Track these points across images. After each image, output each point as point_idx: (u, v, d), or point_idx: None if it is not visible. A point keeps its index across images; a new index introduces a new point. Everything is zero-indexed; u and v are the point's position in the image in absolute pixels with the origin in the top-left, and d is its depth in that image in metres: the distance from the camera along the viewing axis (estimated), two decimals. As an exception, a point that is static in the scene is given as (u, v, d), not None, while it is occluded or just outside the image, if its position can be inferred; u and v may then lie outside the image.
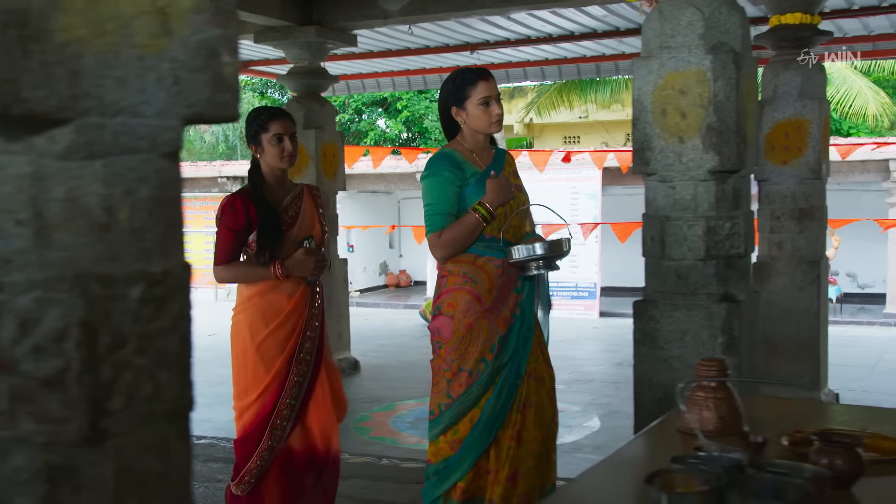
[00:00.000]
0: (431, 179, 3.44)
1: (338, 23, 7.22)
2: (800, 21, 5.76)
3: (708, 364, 2.40)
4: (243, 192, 3.58)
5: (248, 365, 3.53)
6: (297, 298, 3.55)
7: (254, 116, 3.61)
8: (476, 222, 3.35)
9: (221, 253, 3.53)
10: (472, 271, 3.40)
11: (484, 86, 3.44)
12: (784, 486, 1.71)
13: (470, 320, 3.35)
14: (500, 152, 3.64)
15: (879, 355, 8.19)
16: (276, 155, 3.55)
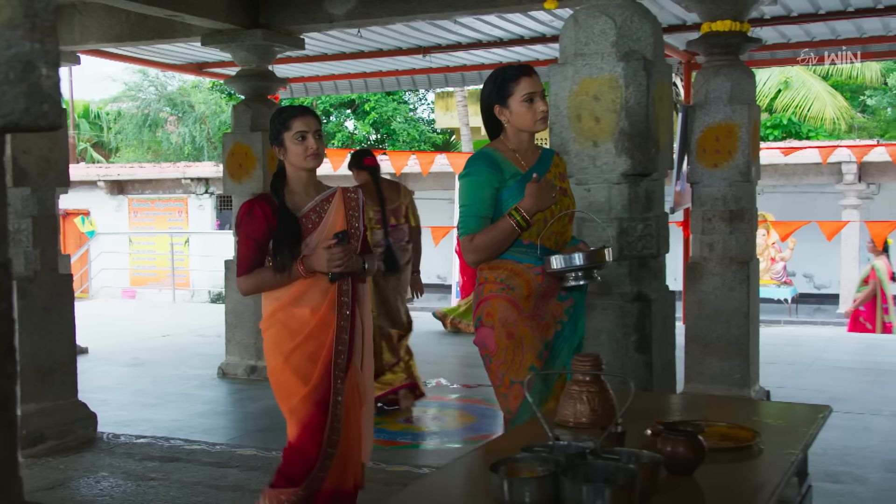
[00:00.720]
0: (468, 179, 3.30)
1: (284, 26, 7.29)
2: (729, 28, 5.90)
3: (582, 359, 2.52)
4: (262, 196, 3.43)
5: (283, 380, 3.38)
6: (323, 312, 3.35)
7: (275, 115, 3.46)
8: (510, 229, 3.21)
9: (243, 262, 3.37)
10: (509, 278, 3.26)
11: (527, 82, 3.31)
12: (616, 471, 1.82)
13: (511, 329, 3.23)
14: (548, 153, 3.48)
15: (818, 354, 8.38)
16: (301, 154, 3.35)
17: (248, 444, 5.53)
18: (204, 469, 4.98)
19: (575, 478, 1.79)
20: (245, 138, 7.54)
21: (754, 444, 2.23)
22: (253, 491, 4.60)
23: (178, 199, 19.90)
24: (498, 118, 3.35)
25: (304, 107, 3.50)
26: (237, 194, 7.62)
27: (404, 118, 24.83)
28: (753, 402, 3.01)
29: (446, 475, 2.12)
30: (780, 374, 7.30)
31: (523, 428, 2.52)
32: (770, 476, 2.04)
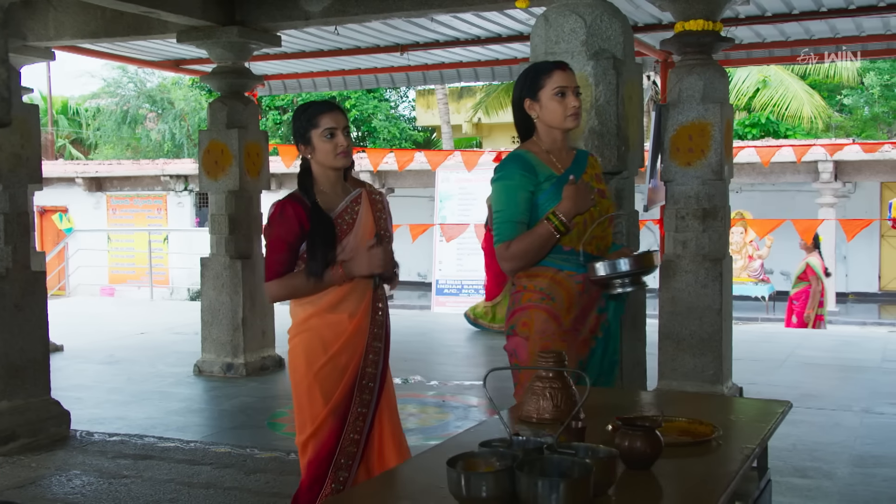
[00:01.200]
0: (500, 184, 3.15)
1: (260, 23, 7.29)
2: (702, 27, 5.94)
3: (545, 356, 2.54)
4: (293, 196, 3.22)
5: (305, 395, 3.18)
6: (360, 318, 3.19)
7: (300, 112, 3.25)
8: (548, 234, 3.06)
9: (273, 267, 3.15)
10: (549, 287, 3.10)
11: (560, 75, 3.15)
12: (572, 466, 1.85)
13: (547, 342, 3.07)
14: (582, 153, 3.32)
15: (791, 350, 8.46)
16: (330, 152, 3.18)
17: (222, 441, 5.53)
18: (177, 466, 4.97)
19: (530, 472, 1.81)
20: (221, 135, 7.52)
21: (712, 439, 2.26)
22: (226, 488, 4.62)
23: (157, 196, 19.82)
24: (528, 115, 3.21)
25: (331, 102, 3.30)
26: (213, 192, 7.60)
27: (385, 116, 24.83)
28: (717, 398, 3.05)
29: (407, 470, 2.14)
30: (753, 370, 7.37)
31: (485, 425, 2.54)
32: (725, 469, 2.08)
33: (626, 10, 7.22)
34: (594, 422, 2.42)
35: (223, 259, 7.56)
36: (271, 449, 5.31)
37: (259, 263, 7.75)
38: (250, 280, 7.59)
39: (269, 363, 7.76)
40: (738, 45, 8.86)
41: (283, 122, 24.09)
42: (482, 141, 27.20)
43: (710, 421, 2.39)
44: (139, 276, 19.06)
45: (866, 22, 8.12)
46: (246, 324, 7.54)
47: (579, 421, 2.26)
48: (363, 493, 2.06)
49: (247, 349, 7.55)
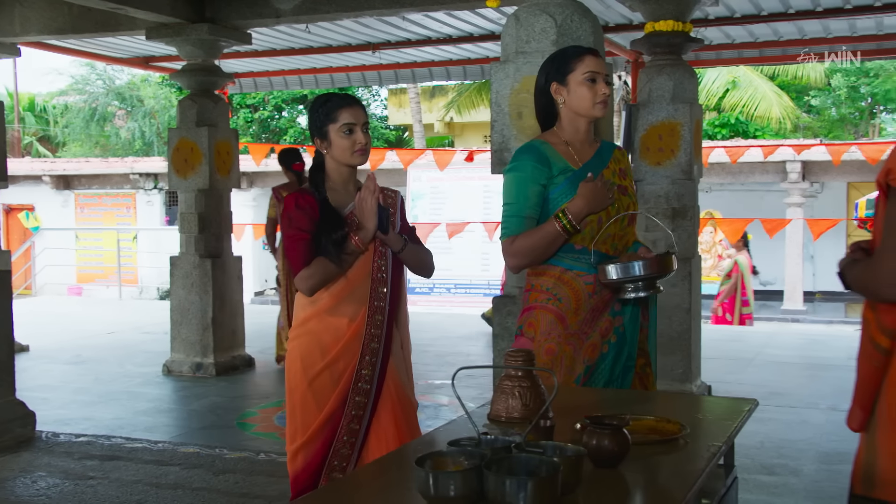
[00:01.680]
0: (511, 175, 3.00)
1: (231, 21, 7.24)
2: (672, 28, 5.98)
3: (514, 355, 2.54)
4: (302, 190, 3.14)
5: (298, 403, 3.10)
6: (359, 322, 3.11)
7: (318, 105, 3.14)
8: (555, 233, 2.89)
9: (300, 257, 3.04)
10: (557, 287, 2.96)
11: (592, 60, 2.98)
12: (539, 464, 1.85)
13: (551, 345, 2.95)
14: (608, 146, 3.12)
15: (759, 349, 8.54)
16: (347, 149, 3.09)
17: (190, 441, 5.49)
18: (145, 467, 4.93)
19: (498, 471, 1.81)
20: (191, 133, 7.46)
21: (679, 437, 2.27)
22: (194, 489, 4.58)
23: (126, 194, 19.63)
24: (552, 103, 3.03)
25: (351, 96, 3.19)
26: (183, 190, 7.55)
27: (357, 114, 24.74)
28: (686, 396, 3.07)
29: (375, 469, 2.14)
30: (722, 369, 7.43)
31: (453, 424, 2.54)
32: (692, 467, 2.09)
33: (596, 11, 7.26)
34: (563, 420, 2.43)
35: (193, 258, 7.50)
36: (240, 449, 5.28)
37: (229, 262, 7.70)
38: (220, 279, 7.54)
39: (239, 363, 7.71)
40: (708, 45, 8.94)
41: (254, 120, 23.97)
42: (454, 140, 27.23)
43: (678, 419, 2.40)
44: (108, 275, 18.87)
45: (833, 24, 8.22)
46: (216, 323, 7.49)
47: (548, 420, 2.26)
48: (331, 492, 2.05)
49: (216, 349, 7.50)
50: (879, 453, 2.10)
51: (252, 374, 7.64)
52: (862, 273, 2.13)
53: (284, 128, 24.17)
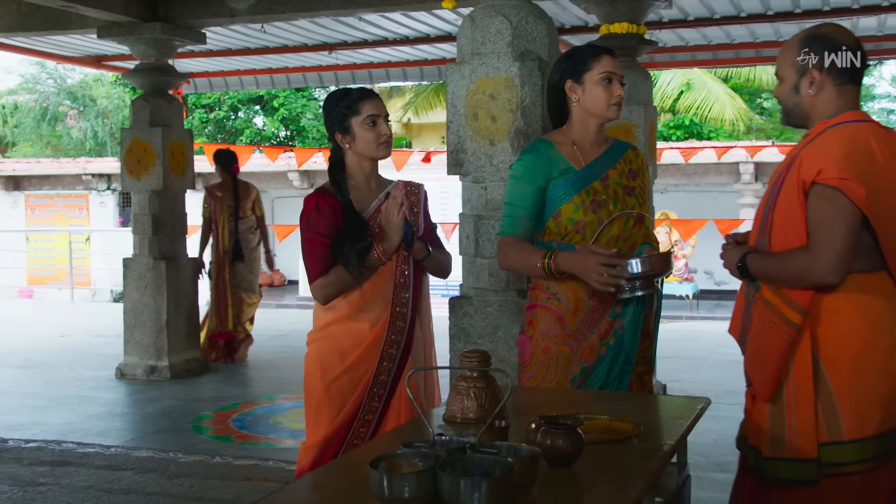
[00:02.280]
0: (511, 174, 3.04)
1: (185, 20, 7.16)
2: (626, 30, 6.04)
3: (469, 355, 2.54)
4: (323, 190, 3.04)
5: (314, 408, 3.07)
6: (381, 327, 3.04)
7: (338, 98, 3.06)
8: (535, 268, 2.92)
9: (317, 265, 2.97)
10: (556, 287, 2.96)
11: (609, 61, 2.98)
12: (494, 465, 1.85)
13: (549, 344, 2.97)
14: (620, 146, 3.10)
15: (713, 348, 8.65)
16: (372, 141, 3.02)
17: (144, 446, 5.42)
18: (97, 472, 4.85)
19: (453, 472, 1.81)
20: (144, 134, 7.37)
21: (633, 436, 2.29)
22: (148, 493, 4.52)
23: (78, 195, 19.29)
24: (564, 100, 3.02)
25: (370, 89, 3.12)
26: (136, 191, 7.45)
27: (314, 115, 24.61)
28: (641, 395, 3.09)
29: (330, 472, 2.13)
30: (677, 368, 7.51)
31: (408, 425, 2.54)
32: (645, 466, 2.10)
33: (552, 12, 7.30)
34: (518, 421, 2.44)
35: (147, 260, 7.41)
36: (195, 452, 5.22)
37: (183, 264, 7.62)
38: (175, 281, 7.45)
39: (195, 365, 7.63)
40: (662, 48, 9.03)
41: (209, 120, 23.72)
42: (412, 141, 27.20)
43: (632, 418, 2.43)
44: (59, 277, 18.53)
45: (783, 27, 8.35)
46: (170, 326, 7.40)
47: (503, 420, 2.26)
48: (287, 494, 2.03)
49: (171, 351, 7.41)
50: (793, 420, 2.41)
51: (208, 376, 7.56)
52: (796, 262, 2.37)
53: (241, 128, 23.93)
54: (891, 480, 2.48)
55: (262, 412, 6.30)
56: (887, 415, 2.43)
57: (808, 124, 2.58)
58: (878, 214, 2.38)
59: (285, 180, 17.69)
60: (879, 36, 8.64)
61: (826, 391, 2.42)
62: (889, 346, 2.43)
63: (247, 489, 4.52)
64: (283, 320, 11.62)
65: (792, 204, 2.43)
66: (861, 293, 2.43)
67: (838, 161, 2.36)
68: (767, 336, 2.48)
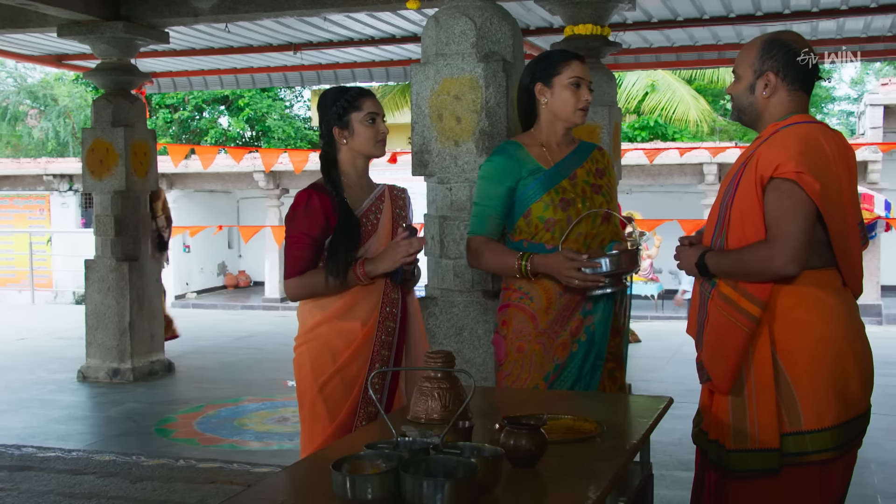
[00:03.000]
0: (480, 174, 3.08)
1: (147, 19, 7.09)
2: (590, 32, 6.08)
3: (433, 356, 2.54)
4: (319, 187, 2.99)
5: (309, 411, 2.99)
6: (371, 326, 2.99)
7: (336, 95, 3.01)
8: (511, 269, 2.97)
9: (296, 263, 2.93)
10: (528, 286, 3.01)
11: (578, 66, 3.04)
12: (457, 465, 1.85)
13: (522, 343, 3.01)
14: (586, 147, 3.16)
15: (678, 348, 8.72)
16: (371, 138, 3.00)
17: (106, 449, 5.35)
18: (57, 477, 4.78)
19: (416, 473, 1.81)
20: (106, 134, 7.29)
21: (596, 436, 2.31)
22: (110, 497, 4.47)
23: (39, 196, 19.01)
24: (534, 104, 3.08)
25: (367, 88, 3.08)
26: (98, 192, 7.36)
27: (280, 115, 24.49)
28: (605, 395, 3.11)
29: (293, 473, 2.11)
30: (642, 367, 7.57)
31: (372, 427, 2.53)
32: (608, 465, 2.12)
33: (517, 14, 7.33)
34: (483, 421, 2.44)
35: (109, 261, 7.32)
36: (159, 456, 5.16)
37: (147, 266, 7.54)
38: (138, 283, 7.38)
39: (159, 367, 7.55)
40: (627, 49, 9.10)
41: (173, 120, 23.50)
42: (378, 141, 27.12)
43: (596, 418, 2.44)
44: (20, 279, 18.26)
45: (745, 30, 8.45)
46: (133, 328, 7.32)
47: (467, 420, 2.27)
48: (250, 496, 2.02)
49: (134, 354, 7.33)
50: (755, 412, 2.48)
51: (172, 379, 7.49)
52: (756, 256, 2.45)
53: (205, 128, 23.73)
54: (847, 470, 2.58)
55: (228, 414, 6.25)
56: (844, 406, 2.50)
57: (759, 125, 2.68)
58: (828, 211, 2.47)
59: (251, 181, 17.56)
60: (838, 39, 8.77)
61: (785, 384, 2.49)
62: (842, 338, 2.51)
63: (211, 492, 4.48)
64: (248, 322, 11.55)
65: (750, 200, 2.51)
66: (814, 288, 2.51)
67: (795, 156, 2.44)
68: (726, 330, 2.54)
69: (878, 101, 15.39)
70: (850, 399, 2.51)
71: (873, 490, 4.39)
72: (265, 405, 6.50)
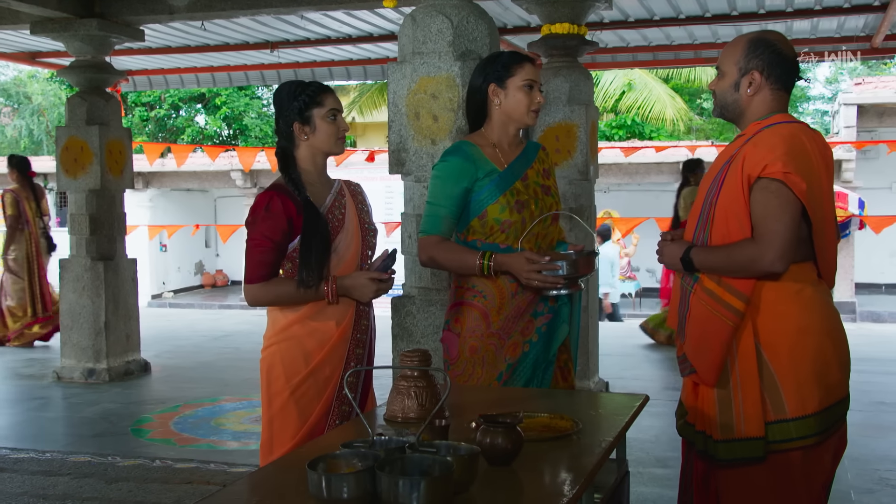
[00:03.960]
0: (435, 174, 3.07)
1: (122, 16, 7.03)
2: (567, 31, 6.09)
3: (410, 355, 2.54)
4: (280, 188, 2.89)
5: (279, 414, 2.90)
6: (346, 325, 2.93)
7: (297, 91, 2.93)
8: (471, 267, 2.98)
9: (257, 268, 2.85)
10: (482, 285, 3.04)
11: (531, 69, 3.09)
12: (433, 464, 1.85)
13: (474, 342, 3.04)
14: (533, 146, 3.20)
15: (655, 345, 8.75)
16: (332, 135, 2.94)
17: (81, 450, 5.30)
18: (31, 479, 4.74)
19: (391, 472, 1.81)
20: (81, 132, 7.22)
21: (572, 433, 2.32)
22: (84, 499, 4.43)
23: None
24: (485, 104, 3.10)
25: (326, 84, 3.02)
26: (72, 190, 7.30)
27: (257, 113, 24.38)
28: (582, 393, 3.13)
29: (266, 474, 2.11)
30: (620, 365, 7.60)
31: (347, 426, 2.53)
32: (584, 462, 2.13)
33: (494, 12, 7.34)
34: (459, 420, 2.45)
35: (84, 260, 7.26)
36: (135, 456, 5.13)
37: (122, 265, 7.48)
38: (113, 282, 7.32)
39: (134, 367, 7.50)
40: (603, 48, 9.14)
41: (150, 118, 23.34)
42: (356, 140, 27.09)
43: (573, 416, 2.45)
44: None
45: (721, 29, 8.50)
46: (109, 327, 7.26)
47: (443, 419, 2.27)
48: (224, 495, 2.01)
49: (110, 354, 7.27)
50: (740, 402, 2.55)
51: (148, 378, 7.44)
52: (744, 253, 2.51)
53: (182, 127, 23.59)
54: (830, 455, 2.65)
55: (204, 414, 6.21)
56: (825, 392, 2.58)
57: (742, 122, 2.74)
58: (812, 208, 2.54)
59: (228, 180, 17.49)
60: (812, 39, 8.85)
61: (769, 374, 2.56)
62: (821, 328, 2.60)
63: (188, 492, 4.46)
64: (225, 321, 11.49)
65: (736, 198, 2.57)
66: (794, 281, 2.59)
67: (782, 157, 2.50)
68: (711, 324, 2.59)
69: (851, 101, 15.55)
70: (830, 385, 2.60)
71: (846, 486, 4.44)
72: (242, 405, 6.47)
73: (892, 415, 6.02)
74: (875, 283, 17.40)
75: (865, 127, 15.95)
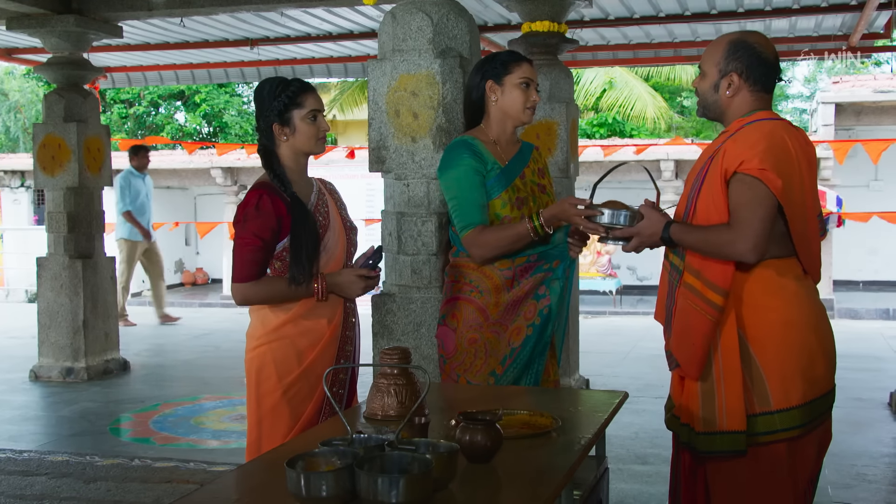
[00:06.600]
0: (453, 171, 3.09)
1: (100, 12, 6.97)
2: (548, 29, 6.10)
3: (390, 352, 2.53)
4: (268, 187, 2.88)
5: (268, 412, 2.89)
6: (336, 322, 2.95)
7: (278, 90, 2.91)
8: (525, 233, 2.99)
9: (245, 267, 2.83)
10: (478, 279, 3.10)
11: (527, 68, 3.19)
12: (412, 461, 1.85)
13: (474, 334, 3.09)
14: (527, 146, 3.31)
15: (636, 343, 8.80)
16: (313, 136, 2.93)
17: (59, 450, 5.27)
18: (8, 479, 4.70)
19: (370, 469, 1.80)
20: (58, 129, 7.17)
21: (551, 431, 2.32)
22: (62, 499, 4.40)
23: (-12, 192, 18.64)
24: (483, 101, 3.19)
25: (307, 82, 3.00)
26: (50, 188, 7.24)
27: (237, 111, 24.27)
28: (562, 390, 3.14)
29: (246, 472, 2.10)
30: (600, 362, 7.63)
31: (327, 424, 2.52)
32: (563, 459, 2.13)
33: (475, 10, 7.34)
34: (439, 417, 2.45)
35: (62, 259, 7.20)
36: (113, 456, 5.10)
37: (101, 263, 7.43)
38: (92, 280, 7.26)
39: (113, 366, 7.45)
40: (584, 46, 9.15)
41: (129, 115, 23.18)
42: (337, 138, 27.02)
43: (553, 413, 2.46)
44: (-29, 277, 17.88)
45: (700, 28, 8.54)
46: (87, 326, 7.21)
47: (423, 417, 2.27)
48: (203, 494, 2.00)
49: (88, 352, 7.22)
50: (723, 396, 2.58)
51: (127, 377, 7.40)
52: (719, 235, 2.54)
53: (161, 124, 23.44)
54: (815, 448, 2.69)
55: (184, 413, 6.18)
56: (810, 386, 2.62)
57: (725, 120, 2.79)
58: (789, 205, 2.58)
59: (208, 177, 17.37)
60: (791, 38, 8.90)
61: (755, 367, 2.60)
62: (805, 322, 2.65)
63: (167, 492, 4.43)
64: (206, 319, 11.44)
65: (715, 190, 2.62)
66: (778, 276, 2.63)
67: (760, 154, 2.54)
68: (692, 318, 2.64)
69: (829, 99, 15.64)
70: (815, 379, 2.64)
71: (823, 481, 4.46)
72: (223, 403, 6.44)
73: (869, 411, 6.07)
74: (853, 281, 17.54)
75: (843, 125, 16.06)
